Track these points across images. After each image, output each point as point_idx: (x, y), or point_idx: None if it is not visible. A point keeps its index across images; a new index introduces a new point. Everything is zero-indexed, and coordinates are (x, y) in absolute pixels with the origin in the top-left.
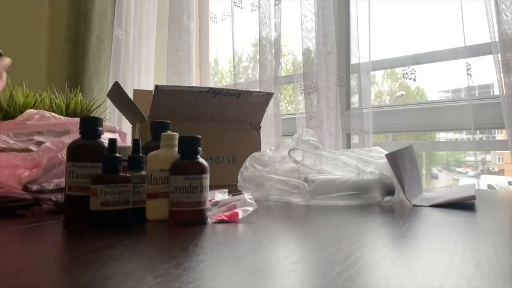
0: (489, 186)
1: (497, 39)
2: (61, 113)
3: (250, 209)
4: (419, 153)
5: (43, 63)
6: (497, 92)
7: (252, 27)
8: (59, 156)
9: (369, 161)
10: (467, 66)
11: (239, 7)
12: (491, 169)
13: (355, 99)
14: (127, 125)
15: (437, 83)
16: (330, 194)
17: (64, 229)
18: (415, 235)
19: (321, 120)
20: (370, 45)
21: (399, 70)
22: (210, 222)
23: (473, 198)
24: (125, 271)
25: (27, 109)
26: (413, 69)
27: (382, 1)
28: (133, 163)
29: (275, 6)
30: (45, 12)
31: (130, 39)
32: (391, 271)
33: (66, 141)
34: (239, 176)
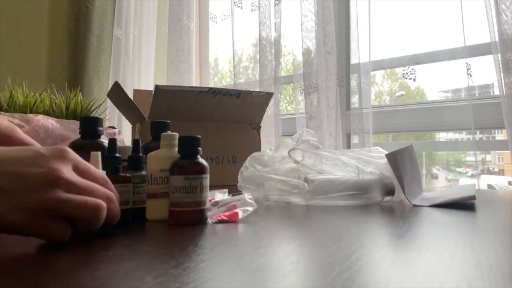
0: (489, 186)
1: (497, 39)
2: (61, 113)
3: (250, 209)
4: (419, 153)
5: (43, 63)
6: (497, 92)
7: (252, 27)
8: None
9: (369, 161)
10: (467, 66)
11: (239, 7)
12: (491, 169)
13: (355, 99)
14: (127, 125)
15: (437, 83)
16: (330, 194)
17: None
18: (415, 235)
19: (321, 120)
20: (370, 45)
21: (399, 70)
22: (210, 222)
23: (473, 198)
24: (125, 271)
25: (27, 109)
26: (413, 69)
27: (382, 1)
28: (133, 163)
29: (275, 6)
30: (45, 12)
31: (130, 39)
32: (391, 271)
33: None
34: (239, 176)
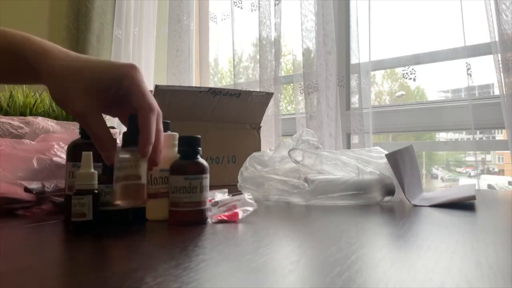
0: (489, 186)
1: (497, 39)
2: (61, 113)
3: (250, 209)
4: (419, 153)
5: None
6: (497, 92)
7: (252, 27)
8: (47, 157)
9: (369, 161)
10: (467, 66)
11: (239, 7)
12: (491, 169)
13: (355, 99)
14: None
15: (437, 83)
16: (330, 194)
17: (64, 229)
18: (415, 235)
19: (321, 120)
20: (370, 45)
21: (399, 70)
22: (210, 222)
23: (473, 198)
24: (125, 271)
25: (27, 109)
26: (413, 69)
27: (382, 1)
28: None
29: (275, 6)
30: (45, 12)
31: (130, 39)
32: (391, 271)
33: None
34: (239, 176)
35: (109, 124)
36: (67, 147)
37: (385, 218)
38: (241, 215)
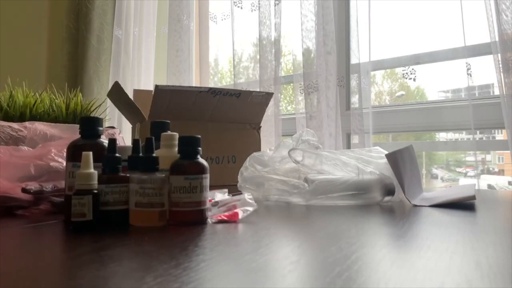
0: (489, 186)
1: (497, 39)
2: (61, 113)
3: (250, 209)
4: (419, 153)
5: (43, 63)
6: (497, 92)
7: (252, 27)
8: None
9: (369, 161)
10: (467, 66)
11: (239, 7)
12: (491, 169)
13: (355, 99)
14: (127, 125)
15: (437, 83)
16: (330, 194)
17: (63, 230)
18: (415, 235)
19: (321, 120)
20: (370, 45)
21: (399, 70)
22: (210, 222)
23: (473, 198)
24: (125, 271)
25: (27, 109)
26: (413, 69)
27: (382, 1)
28: (133, 163)
29: (275, 6)
30: (45, 12)
31: (130, 39)
32: (391, 271)
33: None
34: (239, 176)
35: (109, 124)
36: (67, 147)
37: (385, 218)
38: (241, 215)
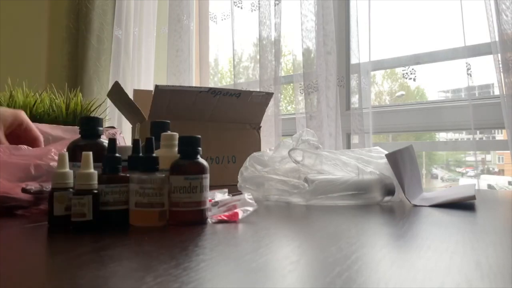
0: (489, 186)
1: (497, 39)
2: (61, 113)
3: (250, 209)
4: (419, 153)
5: (43, 63)
6: (497, 92)
7: (252, 27)
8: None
9: (369, 161)
10: (467, 66)
11: (239, 7)
12: (491, 169)
13: (355, 99)
14: (127, 125)
15: (437, 83)
16: (330, 194)
17: (63, 229)
18: (415, 235)
19: (321, 120)
20: (370, 45)
21: (399, 70)
22: (210, 222)
23: (473, 198)
24: (125, 271)
25: (27, 109)
26: (413, 69)
27: (382, 1)
28: (133, 163)
29: (275, 6)
30: (45, 12)
31: (130, 39)
32: (391, 271)
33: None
34: (239, 176)
35: (109, 124)
36: (67, 147)
37: (385, 218)
38: (241, 215)
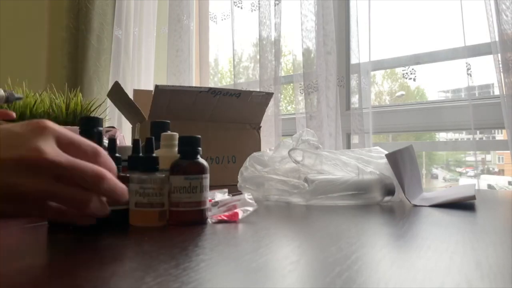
0: (489, 186)
1: (497, 39)
2: (61, 113)
3: (250, 209)
4: (419, 153)
5: (43, 63)
6: (497, 92)
7: (252, 27)
8: None
9: (369, 161)
10: (467, 66)
11: (239, 7)
12: (491, 169)
13: (355, 99)
14: (127, 125)
15: (437, 83)
16: (330, 194)
17: (63, 229)
18: (415, 235)
19: (321, 120)
20: (370, 45)
21: (399, 70)
22: (210, 222)
23: (473, 198)
24: (125, 271)
25: (27, 109)
26: (413, 69)
27: (382, 1)
28: (133, 163)
29: (275, 6)
30: (45, 12)
31: (130, 39)
32: (391, 271)
33: None
34: (239, 176)
35: (109, 124)
36: None
37: (385, 218)
38: (241, 215)
